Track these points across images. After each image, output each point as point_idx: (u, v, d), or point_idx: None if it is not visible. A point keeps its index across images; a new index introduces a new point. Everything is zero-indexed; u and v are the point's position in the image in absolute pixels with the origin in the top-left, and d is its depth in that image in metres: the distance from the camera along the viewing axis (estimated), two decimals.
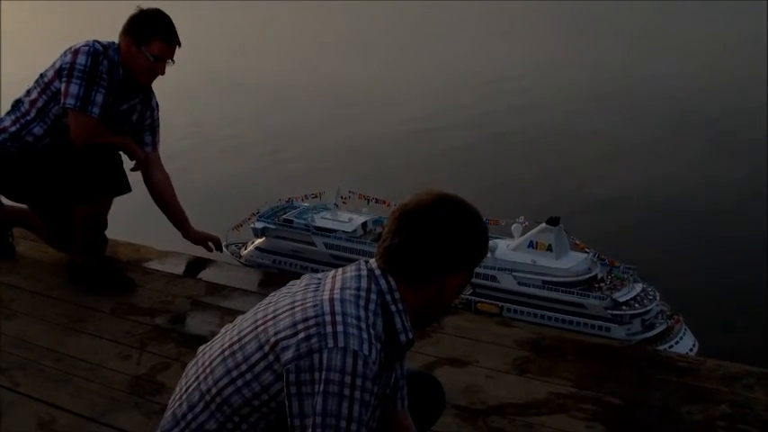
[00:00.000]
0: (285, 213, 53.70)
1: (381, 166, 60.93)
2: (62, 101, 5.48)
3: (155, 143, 6.10)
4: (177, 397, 3.08)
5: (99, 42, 5.58)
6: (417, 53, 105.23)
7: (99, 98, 5.48)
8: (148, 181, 6.12)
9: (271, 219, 53.29)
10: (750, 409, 4.43)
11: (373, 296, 2.90)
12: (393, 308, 2.92)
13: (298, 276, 3.18)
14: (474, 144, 66.76)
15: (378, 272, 2.96)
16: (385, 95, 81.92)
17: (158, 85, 6.02)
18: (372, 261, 3.03)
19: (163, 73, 5.65)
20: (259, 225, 53.03)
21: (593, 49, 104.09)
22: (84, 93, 5.45)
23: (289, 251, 52.89)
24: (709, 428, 4.30)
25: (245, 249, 53.25)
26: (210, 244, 6.43)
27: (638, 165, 61.11)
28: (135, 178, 5.97)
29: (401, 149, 65.14)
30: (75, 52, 5.49)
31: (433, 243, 2.91)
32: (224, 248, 6.86)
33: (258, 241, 53.64)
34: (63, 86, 5.47)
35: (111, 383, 4.68)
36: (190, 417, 2.96)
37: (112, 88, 5.58)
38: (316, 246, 52.34)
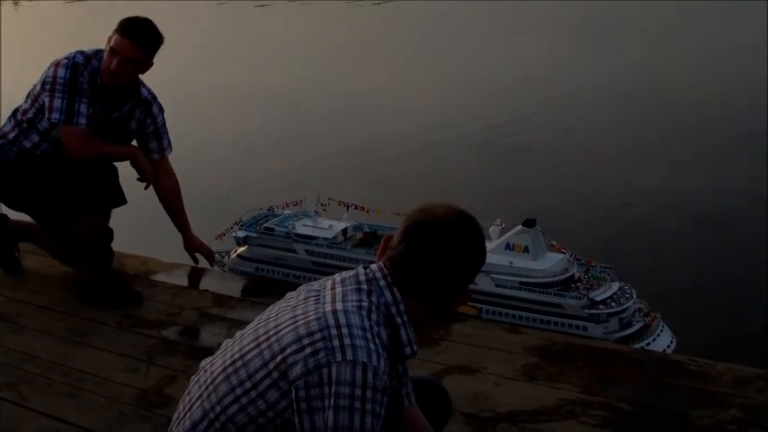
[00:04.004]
0: (266, 221, 53.74)
1: (367, 171, 61.23)
2: (47, 116, 5.35)
3: (161, 149, 5.93)
4: (181, 415, 2.92)
5: (82, 53, 5.42)
6: (415, 61, 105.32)
7: (83, 109, 5.33)
8: (156, 187, 5.97)
9: (252, 227, 53.18)
10: (761, 412, 4.26)
11: (376, 306, 2.76)
12: (398, 320, 2.81)
13: (281, 284, 3.10)
14: (454, 146, 66.95)
15: (382, 282, 2.82)
16: (382, 101, 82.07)
17: (163, 92, 5.94)
18: (374, 269, 2.88)
19: (114, 68, 5.34)
20: (241, 234, 52.91)
21: (596, 52, 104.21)
22: (67, 106, 5.29)
23: (270, 259, 52.83)
24: None
25: (228, 258, 53.40)
26: (198, 255, 6.35)
27: (616, 167, 61.33)
28: (134, 190, 5.86)
29: (388, 155, 65.39)
30: (56, 65, 5.35)
31: (445, 268, 2.80)
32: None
33: (240, 249, 53.76)
34: (47, 101, 5.33)
35: (118, 397, 4.53)
36: None
37: (96, 97, 5.42)
38: (297, 253, 52.30)
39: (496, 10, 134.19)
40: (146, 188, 5.90)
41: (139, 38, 5.35)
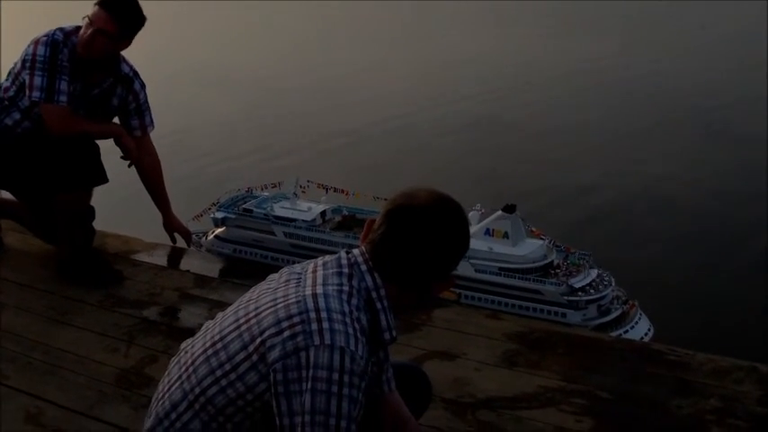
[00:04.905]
0: (245, 203, 54.00)
1: (351, 155, 61.28)
2: (27, 94, 5.32)
3: (143, 126, 5.89)
4: (160, 395, 2.92)
5: (61, 30, 5.38)
6: (401, 46, 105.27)
7: (63, 86, 5.29)
8: (138, 165, 5.94)
9: (230, 208, 53.51)
10: (740, 403, 4.28)
11: (357, 291, 2.77)
12: (379, 305, 2.81)
13: (263, 266, 3.08)
14: (438, 134, 67.04)
15: (364, 267, 2.82)
16: (364, 88, 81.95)
17: (144, 69, 5.91)
18: (356, 253, 2.87)
19: (86, 38, 5.31)
20: (219, 215, 53.25)
21: (581, 43, 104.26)
22: (47, 83, 5.26)
23: (249, 240, 53.08)
24: (698, 422, 4.14)
25: (206, 239, 53.33)
26: (177, 235, 6.34)
27: (598, 155, 61.60)
28: (115, 168, 5.80)
29: (368, 140, 65.41)
30: (36, 43, 5.30)
31: (427, 251, 2.79)
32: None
33: (218, 230, 53.76)
34: (27, 79, 5.30)
35: (98, 376, 4.52)
36: (173, 416, 2.82)
37: (77, 74, 5.39)
38: (275, 235, 52.57)
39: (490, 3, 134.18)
40: (129, 166, 5.88)
41: (116, 12, 5.30)
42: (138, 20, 5.44)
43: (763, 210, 48.82)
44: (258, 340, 2.68)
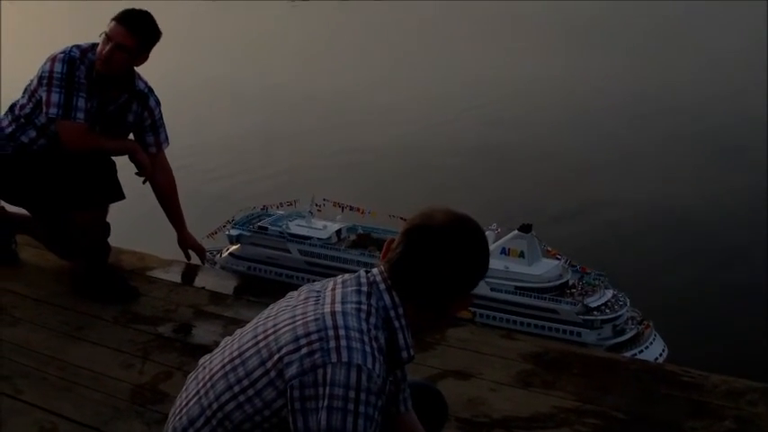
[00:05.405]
0: (260, 221, 53.56)
1: (364, 175, 61.14)
2: (45, 110, 5.35)
3: (158, 143, 5.92)
4: (177, 411, 2.94)
5: (78, 47, 5.42)
6: (411, 61, 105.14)
7: (81, 103, 5.33)
8: (152, 182, 5.97)
9: (245, 226, 53.10)
10: (754, 424, 4.27)
11: (375, 310, 2.77)
12: (396, 324, 2.81)
13: (278, 284, 3.08)
14: (452, 152, 66.79)
15: (382, 286, 2.83)
16: (371, 105, 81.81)
17: (157, 86, 5.96)
18: (375, 272, 2.89)
19: (106, 54, 5.35)
20: (234, 232, 52.83)
21: (588, 59, 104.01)
22: (64, 100, 5.30)
23: (263, 258, 52.69)
24: None
25: (221, 256, 53.27)
26: (191, 252, 6.36)
27: (613, 175, 61.36)
28: (132, 185, 5.85)
29: (383, 158, 65.24)
30: (53, 60, 5.34)
31: (444, 270, 2.81)
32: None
33: (233, 248, 53.66)
34: (44, 96, 5.33)
35: (113, 392, 4.54)
36: (191, 431, 2.86)
37: (93, 91, 5.42)
38: (290, 252, 52.25)
39: (490, 13, 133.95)
40: (144, 182, 5.92)
41: (134, 26, 5.36)
42: (154, 33, 5.50)
43: None
44: (276, 356, 2.69)
